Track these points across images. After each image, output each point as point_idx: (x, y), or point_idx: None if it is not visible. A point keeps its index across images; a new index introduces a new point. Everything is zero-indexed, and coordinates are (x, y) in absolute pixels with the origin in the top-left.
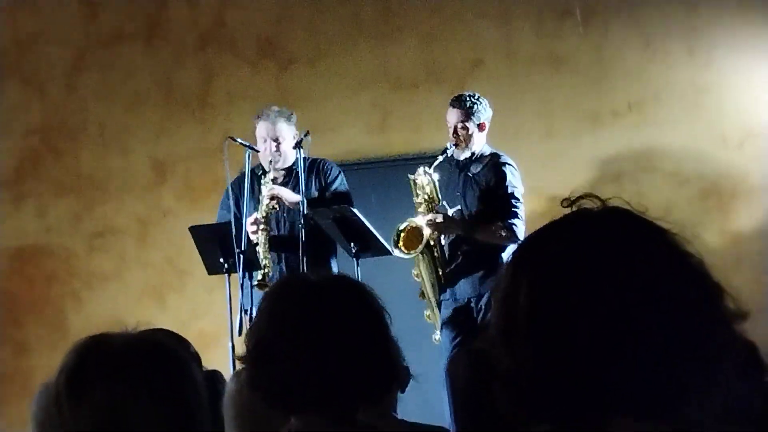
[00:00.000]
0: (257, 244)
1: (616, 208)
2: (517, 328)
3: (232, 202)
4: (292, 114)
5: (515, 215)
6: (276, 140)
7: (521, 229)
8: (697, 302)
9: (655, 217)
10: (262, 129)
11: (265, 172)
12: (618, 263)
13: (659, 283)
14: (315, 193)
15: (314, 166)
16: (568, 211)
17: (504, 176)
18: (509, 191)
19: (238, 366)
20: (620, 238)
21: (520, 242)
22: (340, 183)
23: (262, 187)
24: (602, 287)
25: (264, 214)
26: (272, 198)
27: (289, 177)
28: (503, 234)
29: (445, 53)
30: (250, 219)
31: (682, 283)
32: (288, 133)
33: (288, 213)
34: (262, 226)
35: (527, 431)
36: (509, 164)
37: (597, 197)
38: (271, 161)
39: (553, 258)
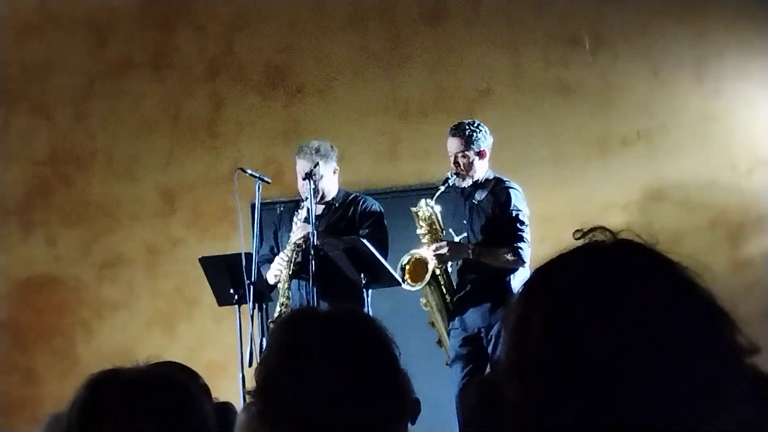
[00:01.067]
0: (278, 281)
1: (627, 241)
2: (527, 358)
3: (270, 233)
4: (331, 148)
5: (521, 239)
6: (314, 176)
7: (527, 253)
8: (707, 335)
9: (665, 248)
10: (299, 166)
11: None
12: (629, 296)
13: (669, 316)
14: (349, 226)
15: (353, 201)
16: (577, 240)
17: (509, 200)
18: (514, 215)
19: (248, 398)
20: (631, 271)
21: (525, 265)
22: (377, 219)
23: (293, 224)
24: (613, 320)
25: (290, 252)
26: (299, 238)
27: (328, 210)
28: (509, 258)
29: (454, 82)
30: (278, 257)
31: (692, 316)
32: (326, 169)
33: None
34: (285, 265)
35: None
36: (513, 188)
37: (608, 230)
38: (306, 198)
39: (565, 289)
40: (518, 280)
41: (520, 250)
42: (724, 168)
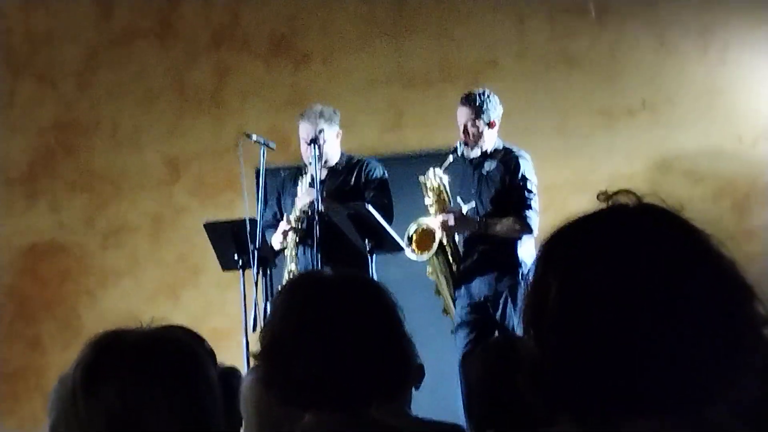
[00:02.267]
0: (283, 248)
1: (651, 205)
2: (546, 318)
3: (274, 199)
4: (334, 112)
5: (529, 207)
6: (319, 142)
7: (535, 221)
8: (727, 303)
9: (690, 217)
10: (302, 130)
11: (305, 171)
12: (651, 260)
13: (690, 282)
14: (353, 190)
15: (356, 165)
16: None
17: (517, 168)
18: (522, 183)
19: (253, 363)
20: (654, 234)
21: (533, 234)
22: (381, 183)
23: (298, 188)
24: (633, 283)
25: (296, 218)
26: (305, 205)
27: (332, 174)
28: (517, 227)
29: (459, 51)
30: (283, 223)
31: (713, 283)
32: (330, 133)
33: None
34: (292, 231)
35: (546, 426)
36: (522, 156)
37: (633, 193)
38: (311, 163)
39: (586, 250)
40: (525, 249)
41: (528, 218)
42: (729, 138)
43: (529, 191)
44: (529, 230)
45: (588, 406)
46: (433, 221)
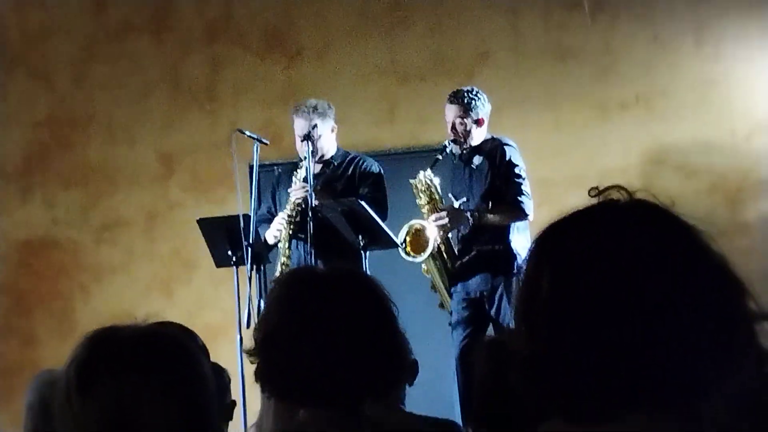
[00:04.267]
0: (278, 242)
1: (643, 201)
2: (537, 312)
3: (268, 194)
4: (329, 107)
5: (521, 192)
6: (312, 138)
7: (529, 205)
8: (719, 299)
9: (682, 212)
10: (297, 125)
11: (300, 166)
12: (642, 255)
13: (682, 277)
14: (347, 185)
15: (351, 160)
16: (593, 198)
17: (504, 155)
18: (510, 169)
19: (247, 358)
20: (646, 230)
21: (528, 218)
22: (376, 179)
23: (292, 183)
24: (625, 278)
25: (290, 213)
26: (298, 199)
27: (327, 169)
28: (511, 212)
29: (452, 45)
30: (278, 217)
31: (705, 279)
32: (324, 127)
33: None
34: (285, 225)
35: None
36: (507, 144)
37: (625, 189)
38: (305, 157)
39: (579, 245)
40: (520, 244)
41: (521, 203)
42: (723, 132)
43: (518, 176)
44: (524, 215)
45: (581, 402)
46: (426, 222)
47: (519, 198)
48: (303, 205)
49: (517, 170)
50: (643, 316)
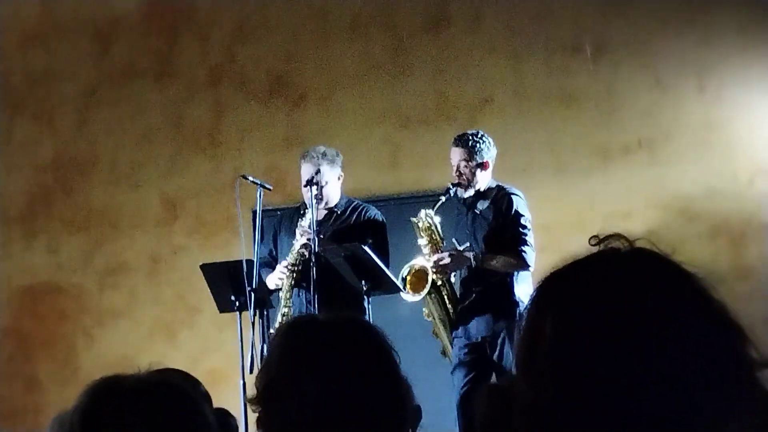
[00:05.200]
0: (279, 288)
1: (643, 249)
2: (539, 359)
3: (270, 237)
4: (337, 154)
5: (524, 242)
6: (317, 183)
7: (531, 256)
8: (719, 346)
9: (681, 260)
10: (304, 170)
11: (303, 212)
12: (643, 304)
13: (683, 325)
14: (351, 233)
15: (355, 209)
16: (593, 246)
17: (510, 205)
18: (516, 219)
19: (249, 406)
20: (646, 279)
21: (530, 269)
22: (379, 228)
23: (296, 229)
24: (626, 326)
25: (293, 261)
26: (303, 246)
27: (330, 216)
28: (513, 262)
29: (455, 90)
30: (280, 265)
31: (705, 327)
32: (331, 175)
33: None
34: (288, 273)
35: None
36: (515, 194)
37: (625, 237)
38: (310, 205)
39: (580, 293)
40: (522, 289)
41: (523, 253)
42: (725, 177)
43: (524, 227)
44: (526, 266)
45: None
46: (426, 261)
47: (523, 248)
48: (306, 254)
49: (522, 221)
50: (644, 363)
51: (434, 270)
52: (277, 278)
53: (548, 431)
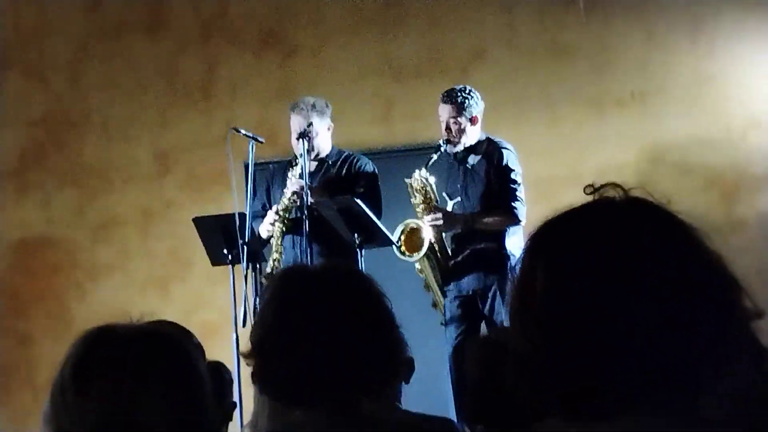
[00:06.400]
0: (270, 237)
1: (639, 199)
2: (531, 309)
3: (263, 191)
4: (326, 105)
5: (515, 198)
6: (308, 136)
7: (522, 211)
8: (714, 297)
9: (678, 211)
10: (294, 122)
11: (295, 164)
12: (637, 253)
13: (678, 275)
14: (343, 183)
15: (346, 159)
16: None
17: (501, 159)
18: (507, 174)
19: (243, 360)
20: (641, 228)
21: (521, 224)
22: (370, 178)
23: (287, 180)
24: (620, 275)
25: (284, 207)
26: (294, 193)
27: (322, 167)
28: (505, 218)
29: (448, 43)
30: (271, 211)
31: (700, 277)
32: (321, 125)
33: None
34: (279, 219)
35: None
36: (505, 148)
37: (620, 187)
38: (301, 155)
39: (573, 243)
40: (513, 242)
41: (515, 209)
42: (718, 129)
43: (514, 182)
44: (517, 221)
45: (577, 400)
46: (421, 222)
47: (513, 204)
48: (297, 200)
49: (513, 175)
50: (638, 313)
51: (431, 226)
52: (269, 224)
53: (542, 380)
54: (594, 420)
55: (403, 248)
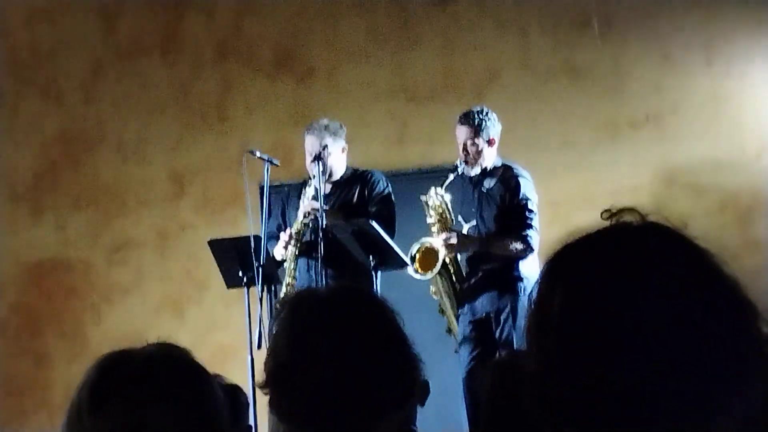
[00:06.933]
0: (284, 259)
1: (656, 224)
2: (549, 332)
3: (278, 212)
4: (340, 127)
5: (529, 226)
6: (323, 159)
7: (536, 240)
8: (730, 321)
9: (694, 235)
10: (308, 144)
11: (309, 185)
12: (654, 277)
13: (694, 300)
14: (357, 204)
15: (360, 178)
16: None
17: (517, 187)
18: (522, 203)
19: (259, 390)
20: (658, 253)
21: (534, 253)
22: (384, 197)
23: (301, 201)
24: (637, 299)
25: (297, 230)
26: (306, 215)
27: (336, 189)
28: (518, 246)
29: (462, 65)
30: (285, 234)
31: (717, 302)
32: (335, 147)
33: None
34: (293, 242)
35: None
36: (522, 176)
37: (638, 212)
38: (314, 176)
39: (591, 267)
40: (527, 265)
41: (528, 237)
42: (733, 151)
43: (530, 210)
44: (531, 250)
45: (592, 423)
46: (436, 240)
47: (527, 232)
48: (310, 222)
49: (529, 204)
50: (655, 337)
51: (444, 246)
52: (282, 247)
53: (557, 405)
54: None
55: (417, 266)
